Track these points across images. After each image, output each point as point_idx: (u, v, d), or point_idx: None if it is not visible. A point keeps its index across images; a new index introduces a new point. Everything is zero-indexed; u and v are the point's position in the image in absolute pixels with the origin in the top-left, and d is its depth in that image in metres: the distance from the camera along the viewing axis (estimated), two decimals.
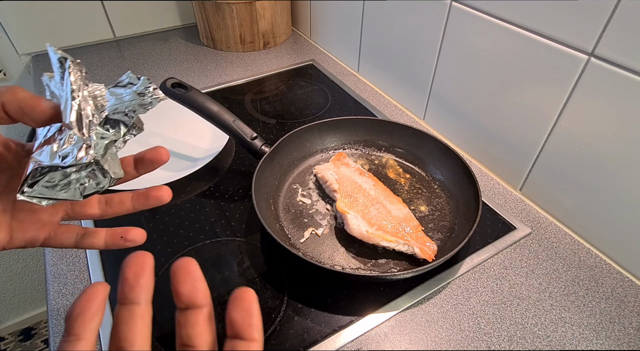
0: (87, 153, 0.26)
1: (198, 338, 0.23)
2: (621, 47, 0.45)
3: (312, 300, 0.49)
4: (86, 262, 0.53)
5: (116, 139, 0.27)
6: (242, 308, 0.23)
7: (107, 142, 0.27)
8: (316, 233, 0.56)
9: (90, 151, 0.26)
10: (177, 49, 1.04)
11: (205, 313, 0.23)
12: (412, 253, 0.52)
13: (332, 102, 0.84)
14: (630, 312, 0.49)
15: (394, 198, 0.58)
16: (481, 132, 0.67)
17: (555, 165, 0.57)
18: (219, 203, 0.62)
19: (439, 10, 0.65)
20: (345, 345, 0.46)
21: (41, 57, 0.99)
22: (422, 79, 0.75)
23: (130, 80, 0.28)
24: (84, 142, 0.26)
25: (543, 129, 0.57)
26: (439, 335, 0.47)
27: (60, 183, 0.26)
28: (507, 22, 0.56)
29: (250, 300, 0.23)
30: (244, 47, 1.02)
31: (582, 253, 0.56)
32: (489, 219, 0.60)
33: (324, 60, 1.00)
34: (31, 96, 0.27)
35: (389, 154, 0.68)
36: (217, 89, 0.88)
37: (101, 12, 1.02)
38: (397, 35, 0.77)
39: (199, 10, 0.99)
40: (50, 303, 0.49)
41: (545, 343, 0.46)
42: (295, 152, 0.66)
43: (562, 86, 0.52)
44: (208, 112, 0.60)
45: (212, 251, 0.55)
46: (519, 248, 0.56)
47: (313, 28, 1.06)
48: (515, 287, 0.51)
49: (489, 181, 0.67)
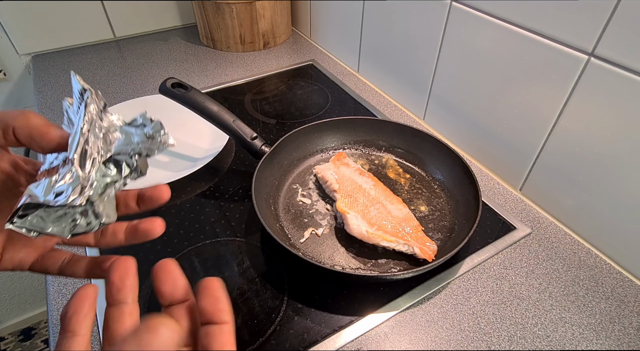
0: (81, 194, 0.25)
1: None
2: (621, 47, 0.45)
3: (312, 299, 0.49)
4: None
5: (116, 180, 0.27)
6: (210, 296, 0.24)
7: (107, 181, 0.27)
8: (316, 233, 0.56)
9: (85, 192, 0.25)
10: (177, 49, 1.04)
11: (187, 305, 0.25)
12: (412, 253, 0.52)
13: (332, 102, 0.84)
14: (630, 312, 0.49)
15: (394, 198, 0.58)
16: (481, 132, 0.67)
17: (555, 165, 0.57)
18: (219, 203, 0.62)
19: (439, 10, 0.65)
20: (345, 345, 0.46)
21: (41, 57, 0.99)
22: (422, 79, 0.75)
23: (143, 121, 0.28)
24: (80, 182, 0.25)
25: (543, 129, 0.57)
26: (439, 335, 0.47)
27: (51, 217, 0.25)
28: (507, 22, 0.56)
29: (216, 288, 0.24)
30: (244, 47, 1.02)
31: (582, 253, 0.56)
32: (489, 219, 0.60)
33: (324, 60, 1.00)
34: (43, 123, 0.27)
35: (389, 154, 0.68)
36: (217, 89, 0.88)
37: (101, 12, 1.02)
38: (397, 35, 0.77)
39: (199, 10, 0.99)
40: (50, 303, 0.49)
41: (545, 343, 0.46)
42: (295, 152, 0.65)
43: (562, 86, 0.52)
44: (208, 112, 0.60)
45: (212, 251, 0.55)
46: (519, 248, 0.56)
47: (313, 28, 1.06)
48: (515, 287, 0.51)
49: (489, 181, 0.67)
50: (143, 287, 0.49)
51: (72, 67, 0.95)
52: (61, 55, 1.00)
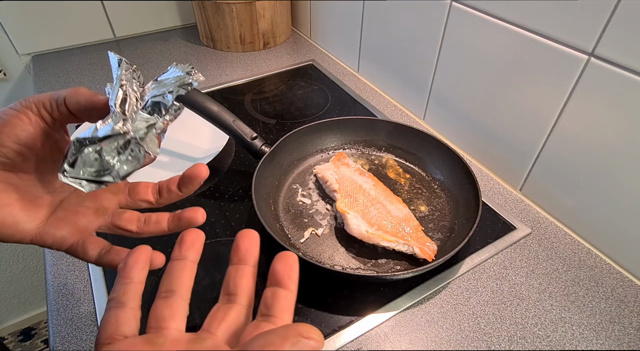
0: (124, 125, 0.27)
1: (242, 288, 0.27)
2: (621, 47, 0.45)
3: (312, 299, 0.49)
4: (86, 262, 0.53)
5: (156, 122, 0.29)
6: (286, 263, 0.26)
7: (147, 125, 0.28)
8: (316, 233, 0.56)
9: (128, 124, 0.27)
10: (177, 49, 1.04)
11: (252, 270, 0.28)
12: (412, 253, 0.52)
13: (332, 102, 0.84)
14: (630, 312, 0.49)
15: (394, 198, 0.58)
16: (481, 132, 0.67)
17: (555, 165, 0.57)
18: (219, 203, 0.62)
19: (439, 10, 0.65)
20: (345, 345, 0.46)
21: (41, 57, 0.99)
22: (422, 79, 0.75)
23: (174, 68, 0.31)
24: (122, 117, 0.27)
25: (543, 129, 0.57)
26: (439, 335, 0.47)
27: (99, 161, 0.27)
28: (507, 22, 0.56)
29: (293, 258, 0.26)
30: (244, 47, 1.02)
31: (582, 253, 0.56)
32: (489, 219, 0.60)
33: (324, 60, 1.00)
34: (91, 93, 0.30)
35: (389, 154, 0.68)
36: (217, 89, 0.88)
37: (101, 12, 1.02)
38: (397, 35, 0.77)
39: (198, 10, 0.99)
40: (50, 303, 0.49)
41: (545, 343, 0.46)
42: (295, 152, 0.65)
43: (562, 86, 0.52)
44: (208, 112, 0.60)
45: (212, 251, 0.55)
46: (519, 248, 0.56)
47: (313, 28, 1.06)
48: (515, 287, 0.51)
49: (489, 181, 0.67)
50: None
51: (72, 67, 0.95)
52: (61, 55, 1.00)
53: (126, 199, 0.34)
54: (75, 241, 0.32)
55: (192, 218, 0.34)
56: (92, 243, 0.33)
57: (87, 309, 0.49)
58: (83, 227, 0.32)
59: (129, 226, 0.34)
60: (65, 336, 0.46)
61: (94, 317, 0.48)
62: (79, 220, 0.32)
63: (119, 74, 0.29)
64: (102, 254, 0.33)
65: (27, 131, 0.29)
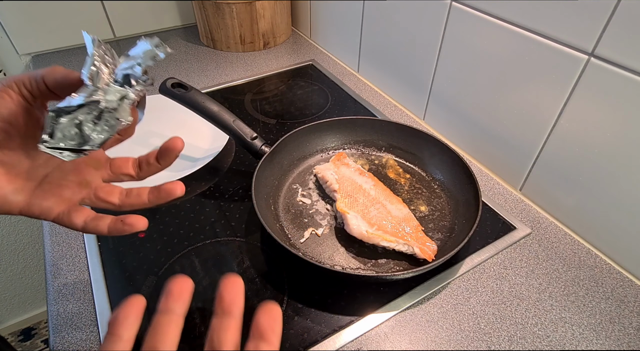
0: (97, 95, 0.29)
1: (227, 343, 0.26)
2: (621, 47, 0.45)
3: (312, 300, 0.49)
4: (86, 262, 0.53)
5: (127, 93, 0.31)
6: (270, 316, 0.26)
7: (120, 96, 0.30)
8: (316, 233, 0.56)
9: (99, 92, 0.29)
10: (177, 49, 1.04)
11: (237, 323, 0.27)
12: (412, 253, 0.52)
13: (332, 102, 0.84)
14: (630, 312, 0.49)
15: (394, 198, 0.58)
16: (481, 132, 0.67)
17: (555, 165, 0.57)
18: (219, 203, 0.62)
19: (439, 10, 0.65)
20: (345, 345, 0.46)
21: (41, 57, 0.99)
22: (422, 79, 0.75)
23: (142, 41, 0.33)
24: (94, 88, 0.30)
25: (543, 129, 0.57)
26: (439, 335, 0.47)
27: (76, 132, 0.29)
28: (507, 22, 0.56)
29: (277, 311, 0.27)
30: (244, 47, 1.02)
31: (582, 253, 0.56)
32: (489, 219, 0.60)
33: (324, 60, 1.00)
34: (67, 70, 0.32)
35: (389, 154, 0.68)
36: (217, 89, 0.88)
37: (101, 12, 1.02)
38: (397, 35, 0.77)
39: (199, 10, 0.99)
40: (50, 303, 0.49)
41: (545, 343, 0.46)
42: (295, 152, 0.65)
43: (562, 86, 0.52)
44: (208, 112, 0.60)
45: (212, 251, 0.55)
46: (519, 248, 0.56)
47: (313, 28, 1.06)
48: (515, 287, 0.51)
49: (489, 181, 0.67)
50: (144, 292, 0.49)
51: (72, 67, 0.95)
52: (61, 55, 1.00)
53: (108, 173, 0.36)
54: (61, 211, 0.34)
55: (171, 190, 0.35)
56: (77, 211, 0.34)
57: (87, 309, 0.49)
58: (67, 198, 0.34)
59: (110, 198, 0.35)
60: (65, 336, 0.46)
61: (94, 317, 0.48)
62: (63, 192, 0.34)
63: (92, 51, 0.31)
64: (88, 221, 0.34)
65: (10, 108, 0.30)
